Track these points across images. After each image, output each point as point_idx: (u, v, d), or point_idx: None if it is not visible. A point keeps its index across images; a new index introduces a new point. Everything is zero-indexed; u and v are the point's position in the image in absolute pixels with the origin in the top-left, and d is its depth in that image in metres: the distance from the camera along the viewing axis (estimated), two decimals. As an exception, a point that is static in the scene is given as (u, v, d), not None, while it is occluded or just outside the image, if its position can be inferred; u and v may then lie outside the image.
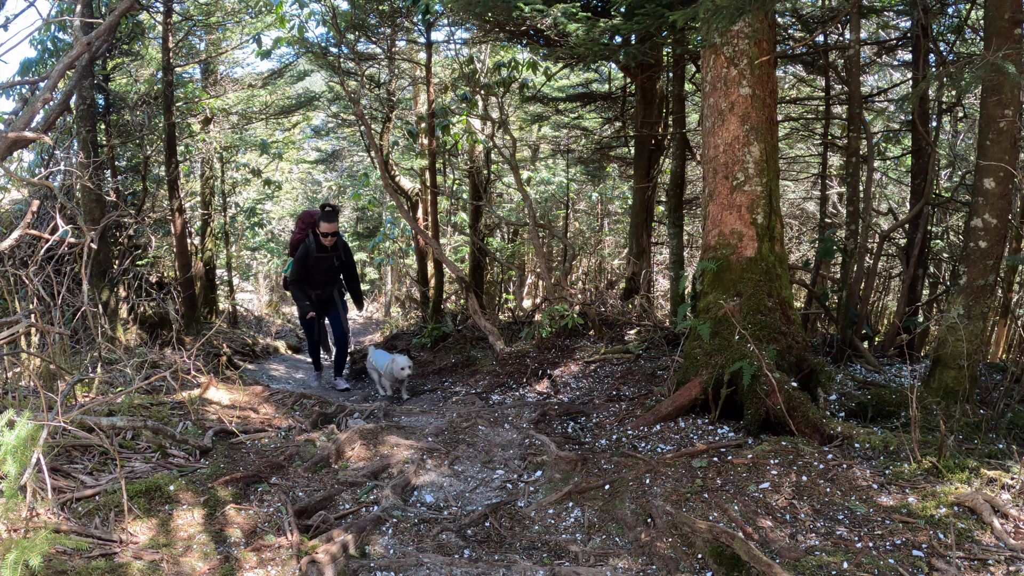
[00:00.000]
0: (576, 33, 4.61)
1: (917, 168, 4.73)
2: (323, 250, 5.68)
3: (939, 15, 4.65)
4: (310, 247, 5.70)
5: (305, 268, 5.79)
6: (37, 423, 1.84)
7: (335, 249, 5.79)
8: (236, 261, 11.13)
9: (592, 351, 4.73)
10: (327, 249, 5.70)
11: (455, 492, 2.67)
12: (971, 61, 2.87)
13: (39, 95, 3.26)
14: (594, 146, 8.41)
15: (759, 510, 2.25)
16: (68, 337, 3.86)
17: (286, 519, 2.26)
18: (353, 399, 5.32)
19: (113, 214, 5.41)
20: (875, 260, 4.53)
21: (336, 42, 6.90)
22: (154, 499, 2.27)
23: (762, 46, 3.29)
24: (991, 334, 5.19)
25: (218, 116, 8.91)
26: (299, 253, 5.79)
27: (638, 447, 2.98)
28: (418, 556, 2.07)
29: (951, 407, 2.90)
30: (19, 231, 3.05)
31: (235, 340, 7.43)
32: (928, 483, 2.26)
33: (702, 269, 3.39)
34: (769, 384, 2.91)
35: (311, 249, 5.69)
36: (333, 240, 5.68)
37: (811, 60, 5.58)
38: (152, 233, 7.97)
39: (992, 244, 2.91)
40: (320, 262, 5.72)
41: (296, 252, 5.76)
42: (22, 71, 6.58)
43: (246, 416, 3.52)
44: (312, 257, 5.69)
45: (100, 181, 6.45)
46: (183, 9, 7.68)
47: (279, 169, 12.65)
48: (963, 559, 1.88)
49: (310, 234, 5.81)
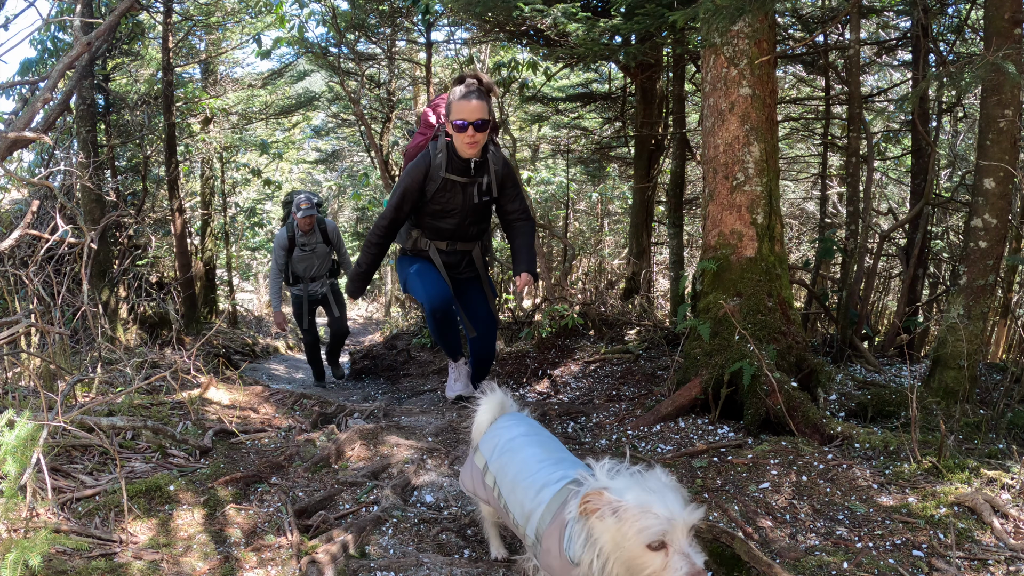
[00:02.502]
0: (576, 33, 4.61)
1: (917, 168, 4.73)
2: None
3: (939, 15, 4.65)
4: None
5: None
6: (37, 423, 1.84)
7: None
8: (236, 261, 11.14)
9: (592, 351, 4.73)
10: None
11: (455, 492, 2.67)
12: (971, 61, 2.87)
13: (39, 95, 3.26)
14: (594, 146, 8.41)
15: (759, 510, 2.25)
16: (68, 337, 3.86)
17: (286, 519, 2.26)
18: (353, 399, 5.32)
19: (113, 214, 5.41)
20: (875, 260, 4.53)
21: (336, 42, 6.90)
22: (154, 499, 2.27)
23: (762, 46, 3.29)
24: (991, 334, 5.19)
25: (218, 116, 8.92)
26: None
27: (638, 447, 2.98)
28: (418, 556, 2.07)
29: (951, 407, 2.90)
30: (19, 231, 3.05)
31: (235, 340, 7.43)
32: (928, 483, 2.26)
33: (702, 269, 3.39)
34: (769, 384, 2.91)
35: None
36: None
37: (811, 60, 5.58)
38: (152, 233, 7.97)
39: (992, 244, 2.91)
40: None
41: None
42: (22, 71, 6.58)
43: (246, 416, 3.52)
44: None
45: (100, 181, 6.45)
46: (183, 9, 7.69)
47: (279, 169, 12.65)
48: (963, 559, 1.88)
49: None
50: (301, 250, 5.62)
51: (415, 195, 3.49)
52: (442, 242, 3.69)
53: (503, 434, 1.91)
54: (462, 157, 3.42)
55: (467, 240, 3.72)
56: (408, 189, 3.47)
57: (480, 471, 1.92)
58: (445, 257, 3.71)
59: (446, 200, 3.51)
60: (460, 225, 3.62)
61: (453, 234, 3.66)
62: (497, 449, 1.87)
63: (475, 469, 1.95)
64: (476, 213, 3.61)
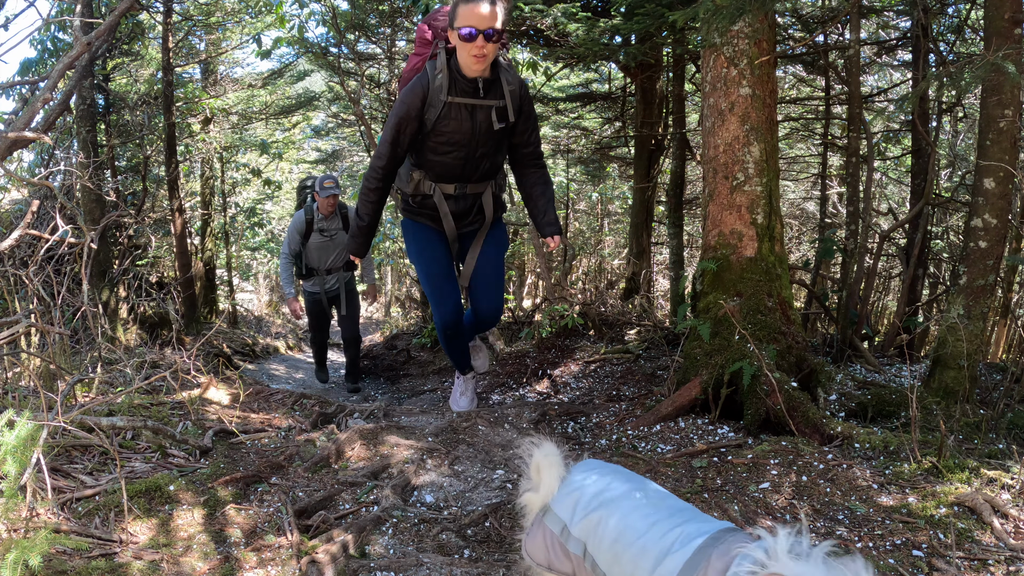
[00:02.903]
0: (576, 33, 4.61)
1: (917, 168, 4.73)
2: None
3: (939, 15, 4.65)
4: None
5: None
6: (37, 423, 1.84)
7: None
8: (236, 261, 11.14)
9: (592, 351, 4.73)
10: None
11: (455, 492, 2.67)
12: (971, 61, 2.87)
13: (39, 95, 3.26)
14: (594, 146, 8.41)
15: (759, 510, 2.25)
16: (68, 337, 3.86)
17: (286, 519, 2.26)
18: (353, 399, 5.32)
19: (113, 214, 5.41)
20: (875, 260, 4.53)
21: (336, 42, 6.90)
22: (154, 499, 2.27)
23: (762, 46, 3.29)
24: (991, 334, 5.19)
25: (218, 116, 8.91)
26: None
27: (638, 447, 2.98)
28: (418, 556, 2.07)
29: (951, 407, 2.90)
30: (19, 231, 3.05)
31: (235, 340, 7.43)
32: (928, 483, 2.26)
33: (702, 269, 3.39)
34: (769, 384, 2.91)
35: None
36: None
37: (811, 60, 5.58)
38: (152, 233, 7.97)
39: (992, 244, 2.91)
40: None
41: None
42: (22, 71, 6.58)
43: (246, 416, 3.52)
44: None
45: (100, 181, 6.45)
46: (183, 9, 7.69)
47: (279, 169, 12.66)
48: (963, 559, 1.88)
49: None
50: (320, 235, 5.18)
51: (413, 126, 2.93)
52: (449, 184, 3.12)
53: (587, 488, 1.52)
54: (467, 76, 2.87)
55: (479, 180, 3.16)
56: (403, 119, 2.91)
57: (557, 536, 1.51)
58: (453, 204, 3.17)
59: (451, 130, 2.93)
60: (469, 160, 3.05)
61: (462, 173, 3.09)
62: (581, 506, 1.49)
63: (550, 535, 1.52)
64: (488, 144, 3.02)
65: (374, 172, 3.08)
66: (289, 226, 5.23)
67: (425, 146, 3.03)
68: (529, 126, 3.10)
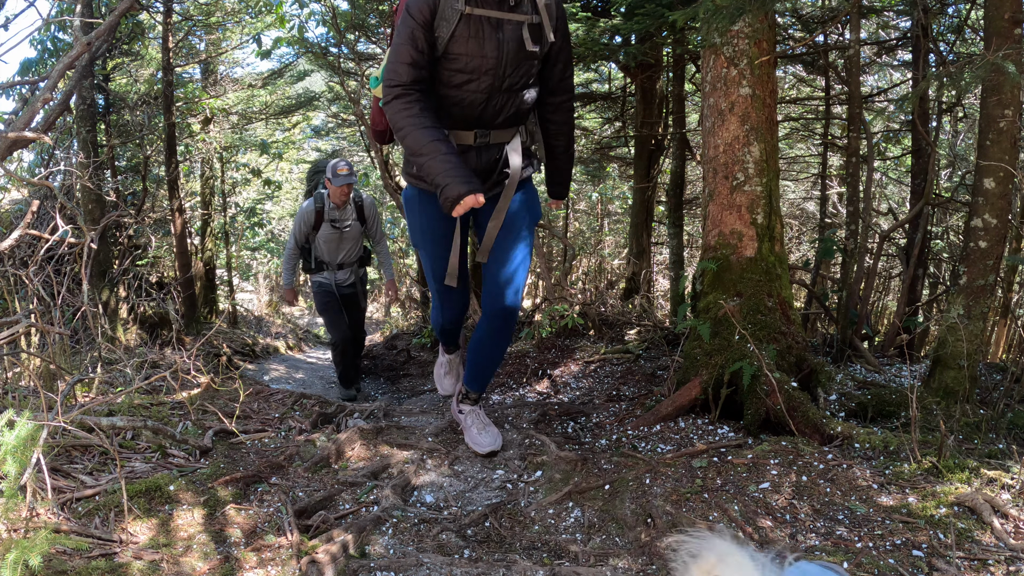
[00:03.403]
0: (576, 33, 4.61)
1: (917, 168, 4.73)
2: None
3: (939, 15, 4.65)
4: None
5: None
6: (37, 423, 1.84)
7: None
8: (236, 261, 11.14)
9: (592, 351, 4.73)
10: None
11: (455, 492, 2.67)
12: (971, 61, 2.87)
13: (39, 95, 3.26)
14: (594, 146, 8.41)
15: (759, 510, 2.25)
16: (68, 337, 3.86)
17: (286, 519, 2.26)
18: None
19: (113, 214, 5.41)
20: (875, 260, 4.53)
21: (336, 42, 6.90)
22: (154, 499, 2.27)
23: (762, 46, 3.29)
24: (991, 334, 5.19)
25: (218, 116, 8.92)
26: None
27: (638, 447, 2.98)
28: (418, 556, 2.07)
29: (951, 407, 2.90)
30: (19, 231, 3.05)
31: (235, 340, 7.43)
32: (928, 483, 2.26)
33: (702, 269, 3.39)
34: (769, 384, 2.91)
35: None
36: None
37: (811, 60, 5.58)
38: (152, 233, 7.97)
39: (992, 244, 2.91)
40: None
41: None
42: (22, 71, 6.58)
43: (246, 416, 3.52)
44: None
45: (100, 181, 6.45)
46: (183, 9, 7.69)
47: (279, 169, 12.66)
48: (963, 559, 1.88)
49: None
50: (332, 227, 4.65)
51: (426, 38, 2.28)
52: (467, 131, 2.46)
53: None
54: None
55: (505, 124, 2.49)
56: (414, 26, 2.25)
57: None
58: (473, 159, 2.50)
59: (469, 52, 2.31)
60: (494, 96, 2.40)
61: (483, 114, 2.43)
62: None
63: None
64: (518, 73, 2.39)
65: (400, 99, 2.27)
66: (296, 215, 4.73)
67: (435, 78, 2.38)
68: (565, 54, 2.51)
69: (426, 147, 2.25)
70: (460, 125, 2.46)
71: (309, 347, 9.84)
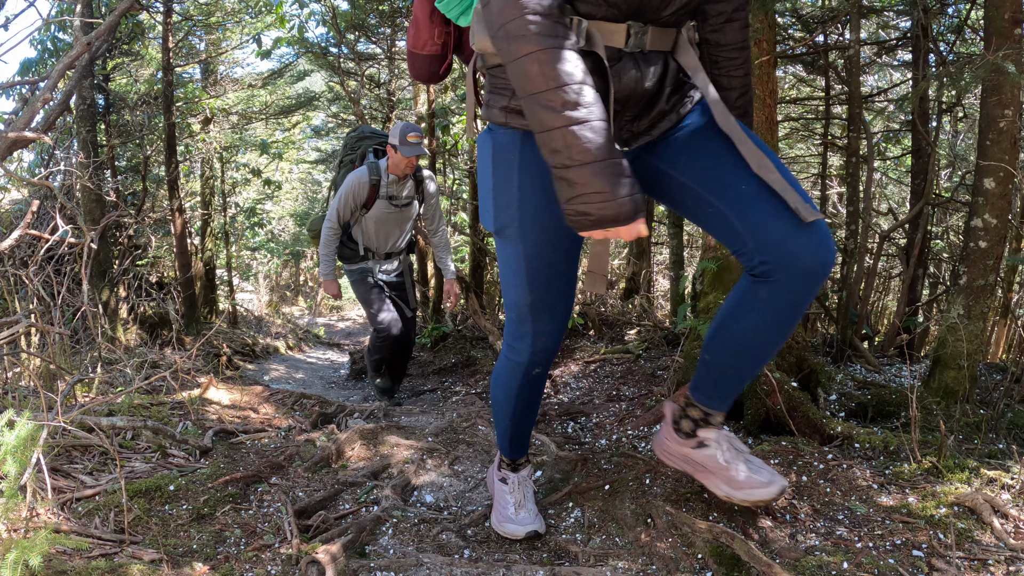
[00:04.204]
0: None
1: (917, 168, 4.73)
2: None
3: (939, 15, 4.65)
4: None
5: None
6: (37, 423, 1.84)
7: None
8: (236, 261, 11.14)
9: (592, 351, 4.73)
10: None
11: (455, 492, 2.67)
12: (971, 61, 2.87)
13: (39, 95, 3.26)
14: (594, 146, 8.39)
15: (759, 510, 2.25)
16: (68, 337, 3.86)
17: (286, 519, 2.26)
18: (353, 399, 5.32)
19: (113, 214, 5.41)
20: (875, 260, 4.53)
21: (336, 42, 6.90)
22: (154, 499, 2.27)
23: (762, 46, 3.29)
24: (991, 334, 5.19)
25: (218, 116, 8.92)
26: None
27: (638, 447, 2.98)
28: (418, 556, 2.07)
29: (951, 407, 2.90)
30: (19, 231, 3.05)
31: (235, 340, 7.43)
32: (928, 483, 2.26)
33: (702, 269, 3.39)
34: (769, 384, 2.91)
35: None
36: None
37: (811, 60, 5.58)
38: (152, 233, 7.98)
39: (992, 244, 2.91)
40: None
41: None
42: (22, 71, 6.59)
43: (246, 416, 3.52)
44: None
45: (100, 181, 6.45)
46: (183, 9, 7.70)
47: (279, 169, 12.67)
48: (963, 559, 1.88)
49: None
50: (389, 203, 3.94)
51: None
52: (618, 25, 1.43)
53: None
54: None
55: (672, 20, 1.49)
56: None
57: None
58: (631, 78, 1.48)
59: None
60: None
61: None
62: None
63: None
64: None
65: (544, 36, 1.29)
66: (343, 188, 3.88)
67: None
68: None
69: (581, 112, 1.29)
70: (610, 16, 1.44)
71: (309, 347, 9.83)
